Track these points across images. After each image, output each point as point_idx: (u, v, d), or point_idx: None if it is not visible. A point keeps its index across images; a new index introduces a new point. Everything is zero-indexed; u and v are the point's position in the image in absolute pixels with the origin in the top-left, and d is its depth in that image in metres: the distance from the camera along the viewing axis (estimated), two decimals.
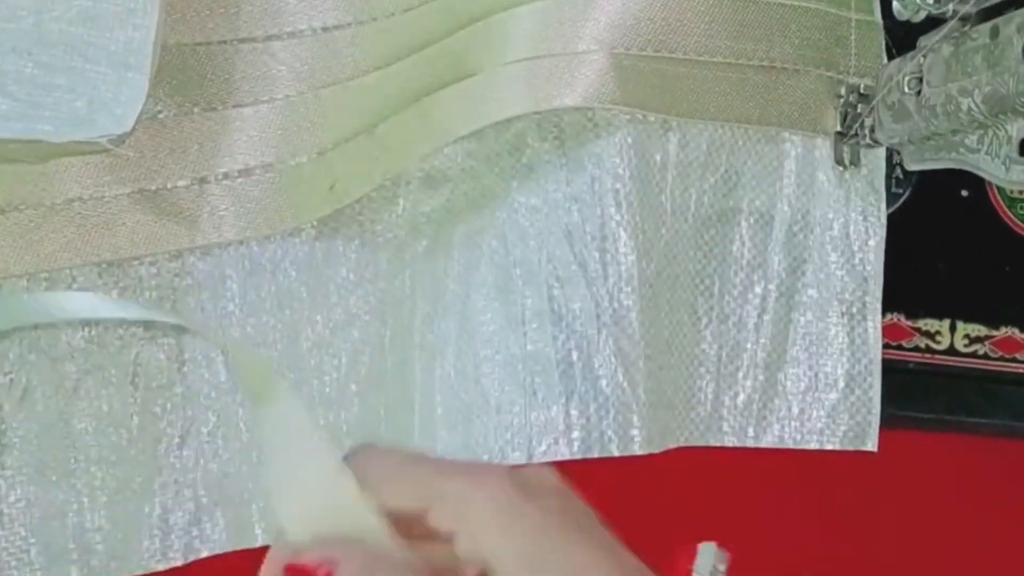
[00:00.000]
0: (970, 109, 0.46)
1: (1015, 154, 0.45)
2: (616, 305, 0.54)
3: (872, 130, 0.54)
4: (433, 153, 0.55)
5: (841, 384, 0.56)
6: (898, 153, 0.55)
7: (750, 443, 0.56)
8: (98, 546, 0.57)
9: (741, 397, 0.56)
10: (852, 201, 0.56)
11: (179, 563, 0.57)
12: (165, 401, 0.57)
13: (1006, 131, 0.46)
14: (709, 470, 0.66)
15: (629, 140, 0.55)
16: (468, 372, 0.56)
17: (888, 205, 0.58)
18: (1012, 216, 0.61)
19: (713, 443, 0.57)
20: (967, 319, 0.61)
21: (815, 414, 0.56)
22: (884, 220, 0.56)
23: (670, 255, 0.56)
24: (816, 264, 0.56)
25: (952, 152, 0.49)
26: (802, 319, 0.56)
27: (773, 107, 0.55)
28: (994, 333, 0.61)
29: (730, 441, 0.56)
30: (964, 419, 0.62)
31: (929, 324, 0.61)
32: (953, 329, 0.61)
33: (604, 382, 0.54)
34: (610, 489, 0.67)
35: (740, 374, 0.56)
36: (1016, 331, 0.61)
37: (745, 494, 0.66)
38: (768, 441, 0.56)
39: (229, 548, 0.57)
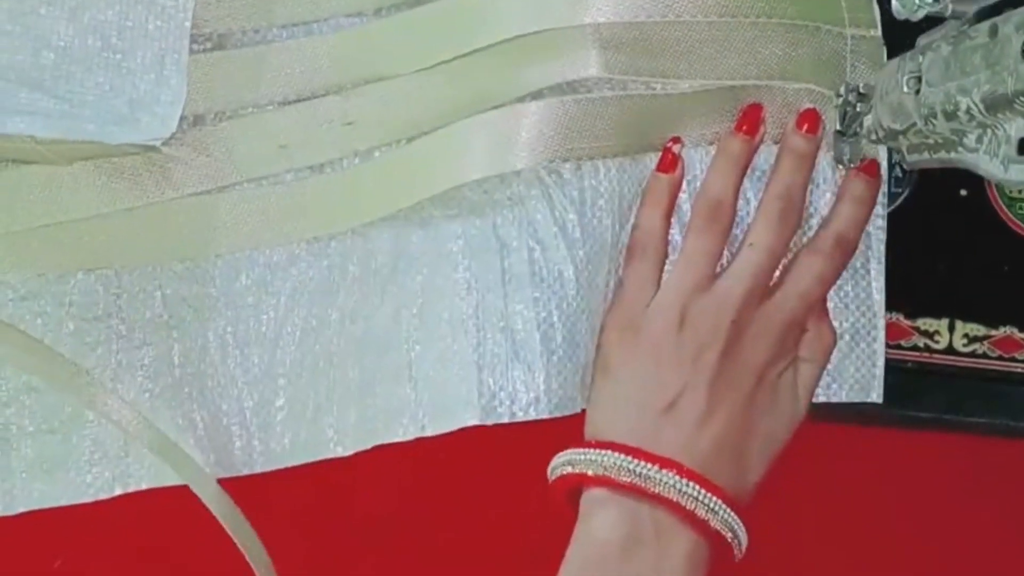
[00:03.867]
0: (969, 108, 0.46)
1: (1014, 153, 0.45)
2: (593, 270, 0.55)
3: (871, 129, 0.55)
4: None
5: (847, 338, 0.57)
6: (897, 152, 0.55)
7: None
8: (23, 475, 0.58)
9: None
10: None
11: (105, 496, 0.58)
12: (99, 333, 0.58)
13: (1005, 130, 0.45)
14: None
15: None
16: (438, 326, 0.56)
17: (887, 204, 0.58)
18: (1011, 215, 0.61)
19: None
20: (966, 318, 0.61)
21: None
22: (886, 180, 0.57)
23: None
24: (820, 221, 0.57)
25: (951, 151, 0.49)
26: None
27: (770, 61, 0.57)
28: (993, 332, 0.61)
29: None
30: (963, 419, 0.62)
31: (928, 323, 0.61)
32: (952, 328, 0.61)
33: (584, 345, 0.55)
34: None
35: None
36: (1015, 330, 0.61)
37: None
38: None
39: (156, 484, 0.58)
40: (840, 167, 0.57)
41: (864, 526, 0.67)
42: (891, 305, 0.58)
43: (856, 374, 0.57)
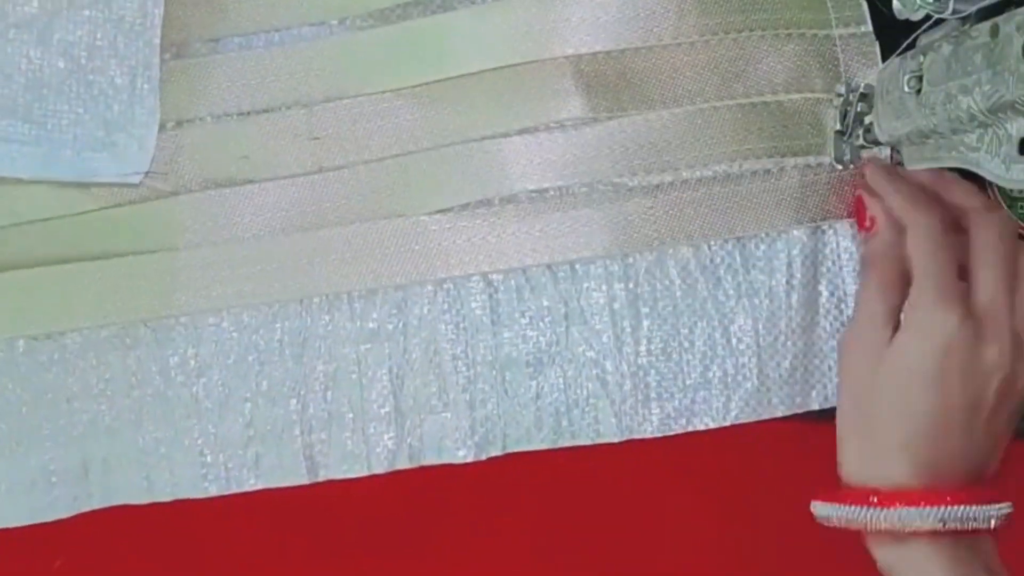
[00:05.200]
0: (970, 108, 0.46)
1: (1015, 153, 0.45)
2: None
3: (871, 129, 0.55)
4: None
5: None
6: (898, 152, 0.55)
7: (797, 409, 0.57)
8: None
9: (784, 365, 0.57)
10: None
11: (66, 516, 0.58)
12: (52, 352, 0.58)
13: (1006, 130, 0.45)
14: (707, 468, 0.66)
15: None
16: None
17: None
18: (1012, 215, 0.61)
19: (765, 416, 0.58)
20: None
21: None
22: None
23: None
24: (832, 228, 0.57)
25: (952, 151, 0.49)
26: (826, 275, 0.57)
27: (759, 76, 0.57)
28: None
29: (780, 411, 0.57)
30: None
31: None
32: None
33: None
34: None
35: (779, 343, 0.57)
36: None
37: (744, 493, 0.66)
38: (815, 403, 0.57)
39: (116, 502, 0.58)
40: (840, 167, 0.57)
41: None
42: None
43: None
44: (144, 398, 0.58)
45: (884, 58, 0.57)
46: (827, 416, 0.60)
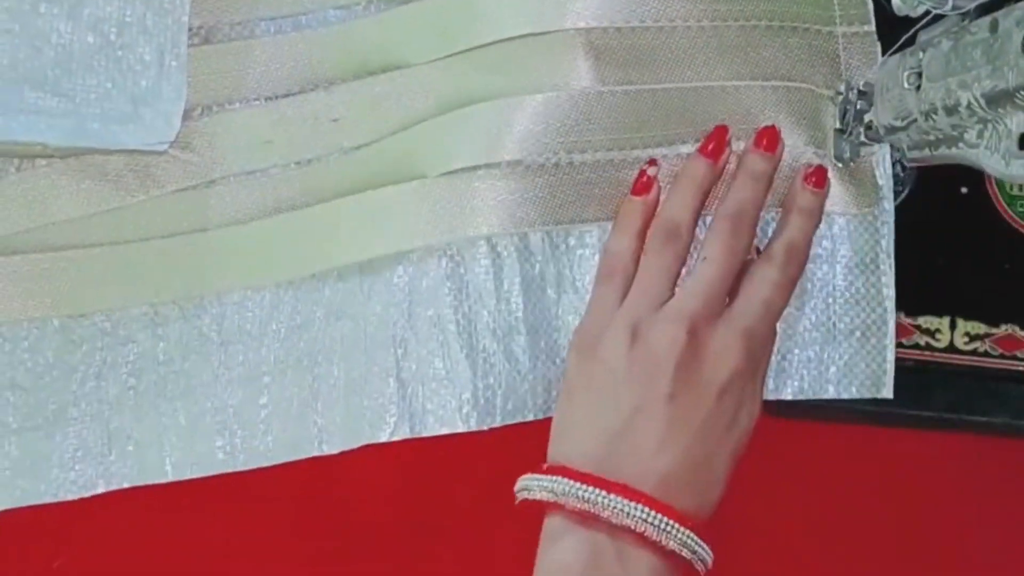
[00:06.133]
0: (970, 103, 0.46)
1: (1015, 148, 0.45)
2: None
3: (871, 126, 0.55)
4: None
5: (857, 334, 0.57)
6: (898, 149, 0.55)
7: (770, 396, 0.57)
8: (6, 472, 0.58)
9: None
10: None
11: (88, 495, 0.58)
12: (84, 330, 0.58)
13: (1006, 125, 0.45)
14: None
15: None
16: (425, 326, 0.57)
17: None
18: (1012, 214, 0.61)
19: None
20: (967, 317, 0.61)
21: (832, 364, 0.57)
22: (891, 176, 0.57)
23: None
24: (829, 216, 0.57)
25: (952, 147, 0.49)
26: (819, 271, 0.57)
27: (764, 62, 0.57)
28: (994, 331, 0.61)
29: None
30: (964, 417, 0.62)
31: (929, 322, 0.61)
32: (953, 327, 0.61)
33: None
34: None
35: None
36: (1016, 329, 0.61)
37: (744, 493, 0.66)
38: (788, 392, 0.57)
39: (139, 483, 0.58)
40: (839, 165, 0.57)
41: (865, 526, 0.67)
42: None
43: (867, 370, 0.57)
44: (169, 375, 0.58)
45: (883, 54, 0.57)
46: (825, 417, 0.60)
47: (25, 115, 0.56)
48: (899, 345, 0.61)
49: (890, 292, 0.57)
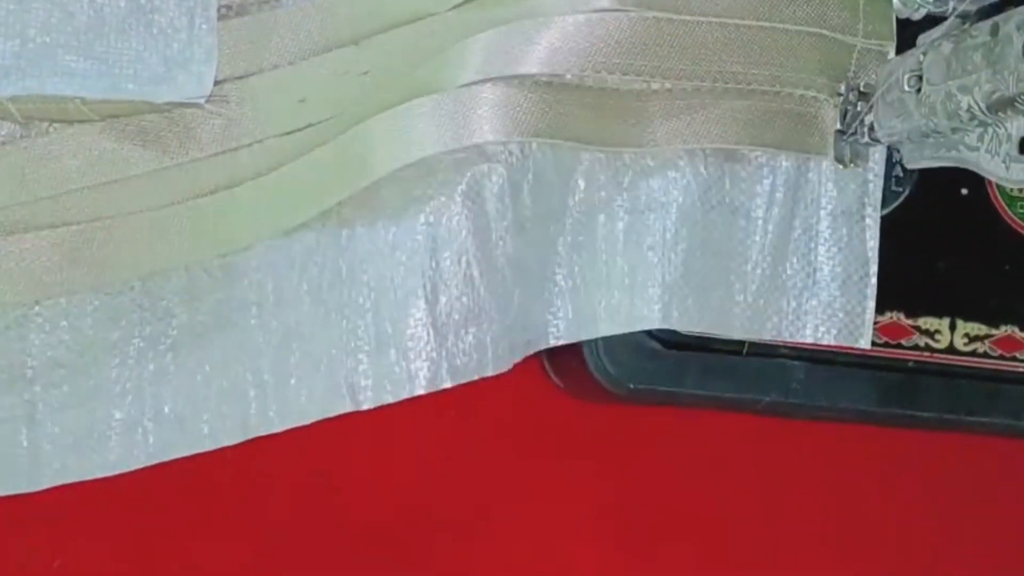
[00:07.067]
0: (970, 107, 0.46)
1: (1015, 152, 0.45)
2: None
3: (872, 128, 0.55)
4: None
5: (839, 281, 0.57)
6: (898, 151, 0.55)
7: (749, 336, 0.57)
8: (48, 450, 0.57)
9: (751, 290, 0.57)
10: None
11: (128, 469, 0.57)
12: (121, 306, 0.58)
13: (1006, 129, 0.46)
14: (707, 467, 0.66)
15: None
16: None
17: (887, 204, 0.58)
18: (1012, 215, 0.61)
19: (722, 334, 0.57)
20: (967, 318, 0.61)
21: (812, 309, 0.57)
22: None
23: None
24: (817, 161, 0.57)
25: (952, 150, 0.49)
26: (802, 214, 0.57)
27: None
28: (994, 332, 0.61)
29: (738, 333, 0.57)
30: (964, 418, 0.62)
31: (929, 323, 0.61)
32: (953, 328, 0.61)
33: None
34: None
35: (748, 266, 0.57)
36: (1016, 330, 0.61)
37: (743, 493, 0.66)
38: (767, 334, 0.57)
39: (178, 455, 0.57)
40: (840, 166, 0.57)
41: (864, 526, 0.67)
42: (891, 304, 0.59)
43: (845, 319, 0.57)
44: (205, 344, 0.58)
45: None
46: (825, 417, 0.60)
47: (59, 76, 0.56)
48: (899, 346, 0.61)
49: (874, 243, 0.57)
